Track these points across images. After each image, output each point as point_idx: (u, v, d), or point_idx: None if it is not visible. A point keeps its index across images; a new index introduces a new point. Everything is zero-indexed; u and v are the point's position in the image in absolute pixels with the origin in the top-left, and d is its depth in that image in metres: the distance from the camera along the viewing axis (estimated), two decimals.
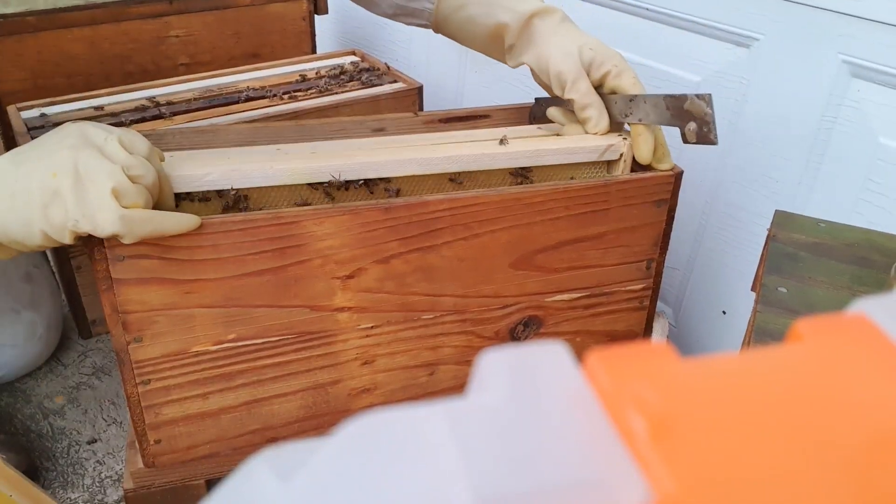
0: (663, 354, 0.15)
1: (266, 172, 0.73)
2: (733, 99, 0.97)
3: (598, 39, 0.81)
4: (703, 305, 1.10)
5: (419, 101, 1.24)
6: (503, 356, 0.15)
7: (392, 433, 0.14)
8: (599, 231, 0.82)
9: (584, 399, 0.14)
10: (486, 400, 0.14)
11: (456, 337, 0.83)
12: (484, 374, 0.15)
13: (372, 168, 0.76)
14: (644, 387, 0.14)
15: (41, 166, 0.60)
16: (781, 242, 0.69)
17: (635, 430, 0.13)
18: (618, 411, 0.14)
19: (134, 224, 0.61)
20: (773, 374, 0.15)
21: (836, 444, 0.13)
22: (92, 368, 1.12)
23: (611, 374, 0.14)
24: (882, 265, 0.66)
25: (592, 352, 0.15)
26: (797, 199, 0.93)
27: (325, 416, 0.83)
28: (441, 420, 0.14)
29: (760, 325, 0.58)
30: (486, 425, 0.13)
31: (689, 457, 0.12)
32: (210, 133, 0.87)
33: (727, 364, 0.15)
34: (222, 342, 0.74)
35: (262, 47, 1.42)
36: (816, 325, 0.16)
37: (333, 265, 0.74)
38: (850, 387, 0.14)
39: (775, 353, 0.15)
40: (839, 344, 0.16)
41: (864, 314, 0.17)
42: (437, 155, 0.77)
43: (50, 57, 1.21)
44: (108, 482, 0.93)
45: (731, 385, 0.14)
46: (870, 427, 0.13)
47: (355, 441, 0.14)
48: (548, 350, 0.15)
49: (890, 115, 0.82)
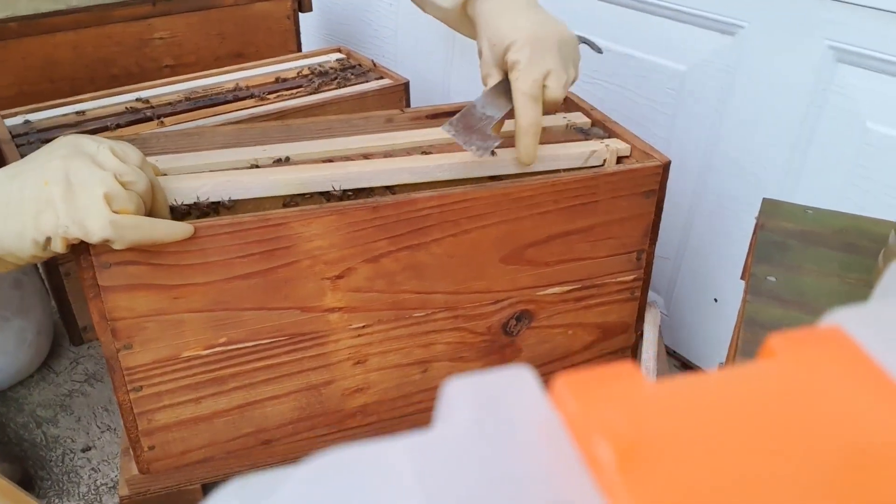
0: (631, 377, 0.14)
1: (260, 184, 0.73)
2: (719, 87, 0.96)
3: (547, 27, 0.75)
4: (695, 294, 1.10)
5: (406, 97, 1.23)
6: (468, 384, 0.15)
7: (357, 469, 0.13)
8: (589, 223, 0.82)
9: (550, 427, 0.14)
10: (450, 432, 0.14)
11: (448, 334, 0.83)
12: (449, 403, 0.15)
13: (364, 178, 0.76)
14: (611, 412, 0.13)
15: (33, 176, 0.60)
16: (769, 231, 0.69)
17: (602, 458, 0.13)
18: (585, 438, 0.13)
19: (124, 229, 0.60)
20: (744, 396, 0.14)
21: (813, 467, 0.13)
22: (84, 375, 1.11)
23: (578, 399, 0.14)
24: (870, 251, 0.66)
25: (559, 376, 0.15)
26: (785, 186, 0.93)
27: (319, 417, 0.83)
28: (405, 455, 0.13)
29: (750, 315, 0.58)
30: (449, 459, 0.13)
31: (658, 486, 0.12)
32: (195, 136, 0.86)
33: (697, 385, 0.15)
34: (213, 346, 0.74)
35: (247, 47, 1.41)
36: (790, 339, 0.16)
37: (322, 266, 0.74)
38: (826, 405, 0.14)
39: (747, 372, 0.15)
40: (814, 359, 0.15)
41: (839, 326, 0.16)
42: (429, 164, 0.77)
43: (34, 63, 1.20)
44: (103, 490, 0.92)
45: (702, 408, 0.14)
46: (847, 446, 0.13)
47: (320, 475, 0.13)
48: (514, 376, 0.15)
49: (877, 99, 0.82)
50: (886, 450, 0.13)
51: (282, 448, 0.84)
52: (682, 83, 1.01)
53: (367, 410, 0.85)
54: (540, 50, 0.73)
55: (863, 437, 0.13)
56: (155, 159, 0.79)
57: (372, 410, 0.85)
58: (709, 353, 1.12)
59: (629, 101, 1.09)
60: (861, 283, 0.62)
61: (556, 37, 0.74)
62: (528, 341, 0.88)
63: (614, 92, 1.10)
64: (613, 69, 1.09)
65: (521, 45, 0.73)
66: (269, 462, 0.84)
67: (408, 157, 0.80)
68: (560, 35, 0.74)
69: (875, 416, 0.14)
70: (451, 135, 0.72)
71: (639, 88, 1.07)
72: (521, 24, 0.74)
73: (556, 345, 0.89)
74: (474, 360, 0.86)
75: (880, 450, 0.13)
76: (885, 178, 0.82)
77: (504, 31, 0.74)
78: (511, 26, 0.74)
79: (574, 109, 0.95)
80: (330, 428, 0.84)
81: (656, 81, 1.04)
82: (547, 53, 0.73)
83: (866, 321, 0.16)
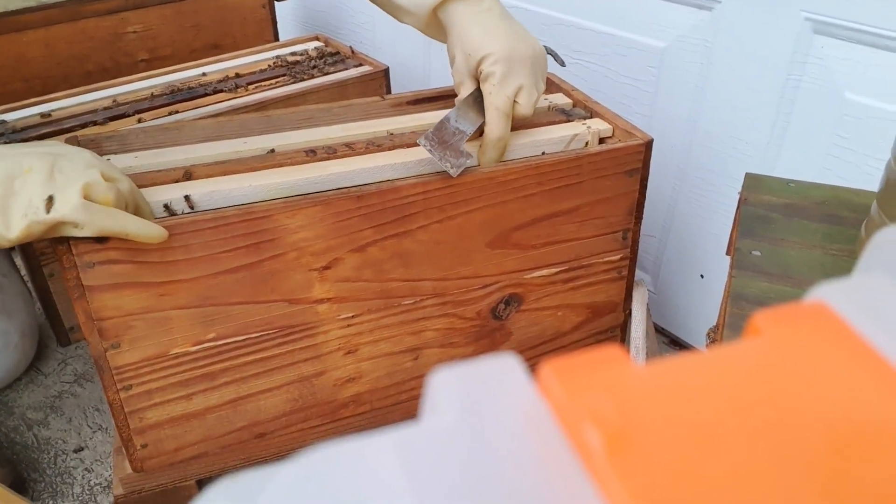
0: (618, 361, 0.14)
1: (245, 191, 0.72)
2: (698, 63, 0.96)
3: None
4: (681, 271, 1.11)
5: (386, 83, 1.22)
6: (454, 375, 0.15)
7: (344, 465, 0.13)
8: (574, 205, 0.82)
9: (537, 415, 0.14)
10: (436, 425, 0.14)
11: (438, 320, 0.83)
12: (435, 395, 0.15)
13: (347, 178, 0.75)
14: (599, 398, 0.13)
15: (17, 160, 0.60)
16: (753, 205, 0.69)
17: (591, 445, 0.13)
18: (573, 426, 0.13)
19: (95, 213, 0.60)
20: (731, 377, 0.14)
21: (802, 447, 0.13)
22: (73, 376, 1.10)
23: (565, 386, 0.14)
24: (852, 221, 0.67)
25: (545, 363, 0.15)
26: (767, 159, 0.93)
27: (313, 408, 0.83)
28: (392, 450, 0.13)
29: (736, 289, 0.59)
30: (437, 453, 0.13)
31: (647, 471, 0.12)
32: (174, 130, 0.85)
33: (684, 368, 0.15)
34: (202, 342, 0.74)
35: (223, 38, 1.40)
36: (775, 316, 0.16)
37: (309, 257, 0.73)
38: (813, 383, 0.14)
39: (733, 352, 0.15)
40: (799, 336, 0.15)
41: (824, 302, 0.16)
42: (411, 158, 0.77)
43: (5, 62, 1.18)
44: (97, 489, 0.92)
45: (689, 391, 0.14)
46: (835, 424, 0.13)
47: (308, 473, 0.13)
48: (499, 365, 0.15)
49: (854, 69, 0.82)
50: (874, 426, 0.13)
51: (276, 441, 0.84)
52: (661, 60, 1.01)
53: (360, 399, 0.85)
54: (514, 66, 0.74)
55: (850, 415, 0.13)
56: (135, 155, 0.78)
57: (365, 399, 0.85)
58: (697, 329, 1.13)
59: (610, 80, 1.09)
60: (844, 253, 0.63)
61: (529, 52, 0.75)
62: (518, 324, 0.88)
63: (595, 71, 1.10)
64: (594, 48, 1.09)
65: (495, 60, 0.74)
66: (263, 455, 0.84)
67: (391, 153, 0.79)
68: (533, 50, 0.76)
69: (861, 392, 0.14)
70: (427, 150, 0.74)
71: (619, 67, 1.07)
72: (497, 36, 0.75)
73: (545, 327, 0.90)
74: (465, 346, 0.86)
75: (868, 426, 0.13)
76: (864, 148, 0.83)
77: (479, 42, 0.75)
78: (486, 38, 0.75)
79: (555, 91, 0.95)
80: (323, 419, 0.84)
81: (636, 59, 1.04)
82: (520, 70, 0.75)
83: (851, 295, 0.16)
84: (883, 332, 0.16)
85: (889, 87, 0.80)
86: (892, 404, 0.14)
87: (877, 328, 0.15)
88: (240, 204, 0.72)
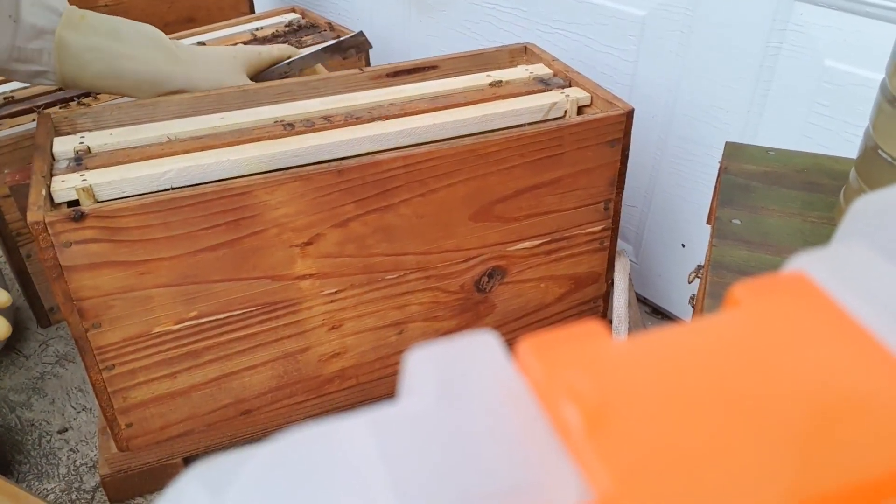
0: (596, 336, 0.14)
1: (223, 166, 0.71)
2: (679, 31, 0.96)
3: None
4: (663, 240, 1.11)
5: (365, 56, 1.21)
6: (430, 354, 0.14)
7: (319, 449, 0.13)
8: (555, 176, 0.81)
9: (516, 393, 0.13)
10: (413, 406, 0.14)
11: (421, 294, 0.83)
12: (412, 375, 0.14)
13: (326, 150, 0.75)
14: (577, 375, 0.13)
15: None
16: (733, 174, 0.69)
17: (570, 422, 0.13)
18: (552, 403, 0.13)
19: None
20: (710, 350, 0.14)
21: (782, 419, 0.13)
22: (55, 357, 1.09)
23: (543, 362, 0.13)
24: (831, 188, 0.67)
25: (524, 339, 0.14)
26: (748, 128, 0.93)
27: (298, 384, 0.83)
28: (368, 432, 0.13)
29: (717, 258, 0.59)
30: (413, 435, 0.13)
31: (627, 448, 0.12)
32: (150, 106, 0.83)
33: (663, 342, 0.15)
34: (184, 320, 0.73)
35: (198, 11, 1.37)
36: (754, 288, 0.16)
37: (290, 233, 0.73)
38: (793, 354, 0.14)
39: (712, 325, 0.15)
40: (778, 307, 0.15)
41: (803, 272, 0.16)
42: (391, 130, 0.76)
43: None
44: (83, 469, 0.92)
45: (668, 365, 0.14)
46: (815, 394, 0.13)
47: (282, 457, 0.13)
48: (477, 343, 0.15)
49: (834, 36, 0.82)
50: (853, 396, 0.13)
51: (262, 417, 0.84)
52: (641, 29, 1.00)
53: (345, 375, 0.85)
54: None
55: (830, 385, 0.13)
56: (110, 132, 0.77)
57: (350, 374, 0.85)
58: (679, 298, 1.14)
59: (591, 49, 1.08)
60: (823, 220, 0.63)
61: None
62: (502, 297, 0.88)
63: (576, 41, 1.09)
64: (574, 18, 1.08)
65: None
66: (250, 432, 0.84)
67: (369, 125, 0.78)
68: None
69: (840, 362, 0.14)
70: None
71: (600, 37, 1.06)
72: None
73: (528, 299, 0.90)
74: (449, 319, 0.86)
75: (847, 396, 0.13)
76: (843, 116, 0.83)
77: None
78: None
79: (536, 61, 0.94)
80: (309, 394, 0.84)
81: (616, 28, 1.03)
82: None
83: (830, 265, 0.16)
84: (861, 301, 0.16)
85: (869, 54, 0.80)
86: (871, 373, 0.14)
87: (855, 297, 0.15)
88: (218, 179, 0.71)
